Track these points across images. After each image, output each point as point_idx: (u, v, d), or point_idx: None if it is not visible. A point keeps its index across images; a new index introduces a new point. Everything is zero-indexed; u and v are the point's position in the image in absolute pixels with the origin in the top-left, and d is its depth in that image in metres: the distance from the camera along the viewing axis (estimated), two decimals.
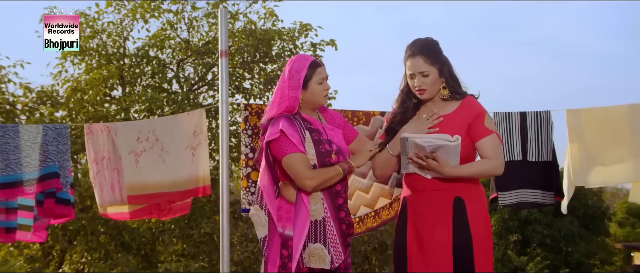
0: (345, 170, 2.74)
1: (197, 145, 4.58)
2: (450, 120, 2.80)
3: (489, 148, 2.75)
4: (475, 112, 2.79)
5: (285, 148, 2.72)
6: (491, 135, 2.76)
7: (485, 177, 2.79)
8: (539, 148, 4.63)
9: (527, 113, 4.69)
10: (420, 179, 2.79)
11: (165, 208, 4.69)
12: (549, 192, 4.65)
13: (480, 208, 2.79)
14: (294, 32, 10.71)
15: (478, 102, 2.86)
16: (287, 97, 2.78)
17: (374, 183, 4.48)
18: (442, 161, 2.66)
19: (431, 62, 2.79)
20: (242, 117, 4.47)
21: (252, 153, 4.44)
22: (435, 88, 2.83)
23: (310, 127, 2.81)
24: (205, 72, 10.96)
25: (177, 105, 9.92)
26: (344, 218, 2.81)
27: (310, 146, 2.75)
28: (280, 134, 2.73)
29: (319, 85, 2.79)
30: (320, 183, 2.70)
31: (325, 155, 2.76)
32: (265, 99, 10.71)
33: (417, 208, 2.81)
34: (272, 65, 10.91)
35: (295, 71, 2.78)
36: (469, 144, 2.77)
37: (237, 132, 10.40)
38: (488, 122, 2.79)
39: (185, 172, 4.54)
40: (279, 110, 2.79)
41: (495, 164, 2.75)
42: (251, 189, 4.42)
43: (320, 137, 2.80)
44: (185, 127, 4.57)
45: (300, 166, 2.70)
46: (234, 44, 10.44)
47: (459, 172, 2.70)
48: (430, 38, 2.86)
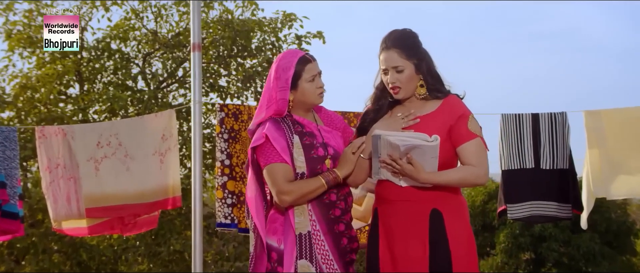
0: (330, 181, 2.74)
1: (166, 151, 4.58)
2: (428, 121, 2.81)
3: (472, 153, 2.75)
4: (458, 112, 2.80)
5: (267, 157, 2.74)
6: (475, 139, 2.77)
7: (466, 186, 2.79)
8: (553, 154, 4.67)
9: (540, 115, 4.72)
10: (394, 187, 2.79)
11: (130, 223, 4.68)
12: (565, 204, 4.68)
13: (461, 222, 2.79)
14: (277, 22, 10.70)
15: (462, 102, 2.88)
16: (275, 99, 2.79)
17: (367, 193, 4.50)
18: (418, 165, 2.66)
19: (407, 56, 2.81)
20: (218, 119, 4.47)
21: (228, 160, 4.44)
22: (411, 86, 2.84)
23: (301, 130, 2.82)
24: (176, 67, 10.93)
25: (143, 105, 9.89)
26: (344, 232, 2.82)
27: (299, 152, 2.76)
28: (264, 140, 2.74)
29: (311, 83, 2.80)
30: (298, 198, 2.72)
31: (317, 161, 2.76)
32: (244, 99, 10.71)
33: (390, 221, 2.81)
34: (251, 60, 10.90)
35: (282, 70, 2.78)
36: (449, 149, 2.78)
37: (211, 136, 10.37)
38: (472, 125, 2.79)
39: (153, 181, 4.54)
40: (267, 114, 2.81)
41: (478, 172, 2.74)
42: (227, 201, 4.42)
43: (314, 140, 2.81)
44: (152, 129, 4.57)
45: (278, 178, 2.71)
46: (208, 36, 10.42)
47: (436, 179, 2.70)
48: (408, 29, 2.88)
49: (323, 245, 2.75)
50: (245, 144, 4.45)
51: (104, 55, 10.43)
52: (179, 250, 10.17)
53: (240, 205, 4.44)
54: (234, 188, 4.44)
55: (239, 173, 4.45)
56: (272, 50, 10.66)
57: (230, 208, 4.43)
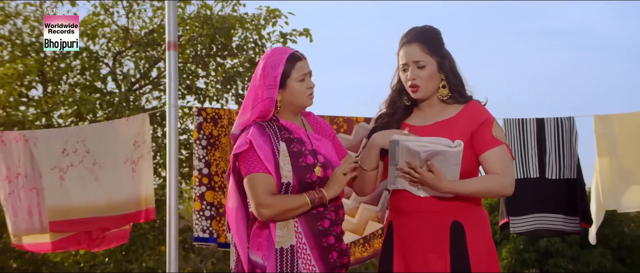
0: (315, 201, 2.75)
1: (139, 159, 4.58)
2: (448, 126, 2.83)
3: (497, 162, 2.77)
4: (482, 118, 2.83)
5: (249, 165, 2.75)
6: (500, 147, 2.79)
7: (490, 196, 2.82)
8: (560, 163, 4.69)
9: (546, 120, 4.74)
10: (411, 198, 2.80)
11: (98, 238, 4.67)
12: (573, 217, 4.70)
13: (483, 236, 2.81)
14: (260, 19, 10.70)
15: (485, 108, 2.91)
16: (261, 99, 2.80)
17: (361, 204, 4.50)
18: (439, 173, 2.67)
19: (429, 51, 2.83)
20: (195, 124, 4.47)
21: (207, 169, 4.43)
22: (432, 85, 2.86)
23: (289, 136, 2.83)
24: (149, 67, 10.91)
25: (113, 108, 9.86)
26: (333, 245, 2.82)
27: (285, 160, 2.76)
28: (248, 146, 2.75)
29: (300, 83, 2.81)
30: (278, 214, 2.73)
31: (306, 170, 2.77)
32: (224, 102, 10.71)
33: (407, 234, 2.83)
34: (232, 60, 10.89)
35: (270, 67, 2.80)
36: (471, 158, 2.80)
37: (188, 143, 10.35)
38: (497, 131, 2.82)
39: (124, 192, 4.53)
40: (252, 115, 2.82)
41: (504, 181, 2.76)
42: (205, 213, 4.42)
43: (303, 147, 2.82)
44: (123, 135, 4.57)
45: (259, 190, 2.72)
46: (184, 34, 10.41)
47: (459, 188, 2.71)
48: (431, 26, 2.91)
49: (309, 260, 2.75)
50: (225, 151, 4.45)
51: (69, 53, 10.39)
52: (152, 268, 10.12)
53: (220, 217, 4.43)
54: (213, 200, 4.44)
55: (219, 182, 4.44)
56: (254, 49, 10.66)
57: (208, 221, 4.43)
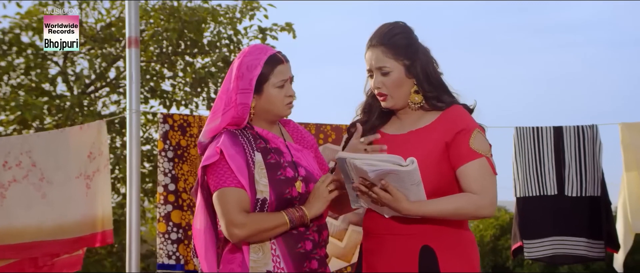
0: (294, 220, 2.74)
1: (94, 173, 4.57)
2: (423, 135, 2.84)
3: (473, 178, 2.76)
4: (459, 126, 2.81)
5: (219, 178, 2.74)
6: (479, 160, 2.78)
7: (464, 218, 2.80)
8: (581, 178, 4.70)
9: (564, 128, 4.76)
10: (380, 219, 2.82)
11: (46, 265, 4.64)
12: (597, 241, 4.71)
13: (462, 263, 2.80)
14: (235, 11, 10.73)
15: (468, 114, 2.89)
16: (234, 103, 2.79)
17: (350, 226, 4.50)
18: (396, 193, 2.67)
19: (394, 54, 2.85)
20: (160, 133, 4.46)
21: (173, 185, 4.42)
22: (401, 92, 2.88)
23: (265, 146, 2.82)
24: (106, 67, 10.90)
25: (64, 114, 9.83)
26: (317, 271, 2.82)
27: (261, 173, 2.76)
28: (219, 157, 2.73)
29: (279, 90, 2.81)
30: (252, 234, 2.72)
31: (285, 184, 2.77)
32: (193, 107, 10.70)
33: (374, 260, 2.85)
34: (203, 59, 10.90)
35: (246, 67, 2.79)
36: (447, 172, 2.80)
37: (152, 154, 10.33)
38: (476, 142, 2.80)
39: (76, 212, 4.51)
40: (223, 121, 2.81)
41: (479, 201, 2.74)
42: (171, 236, 4.41)
43: (281, 158, 2.82)
44: (76, 146, 4.55)
45: (230, 207, 2.71)
46: (148, 28, 10.41)
47: (421, 210, 2.70)
48: (399, 22, 2.92)
49: None
50: (194, 165, 4.44)
51: (12, 50, 10.35)
52: None
53: (188, 241, 4.42)
54: (180, 220, 4.43)
55: (187, 201, 4.43)
56: (229, 46, 10.67)
57: (175, 245, 4.42)
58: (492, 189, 2.79)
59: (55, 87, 10.62)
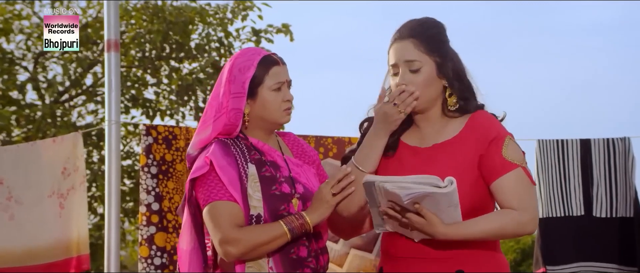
0: (295, 229, 2.74)
1: (69, 191, 4.57)
2: (451, 149, 2.81)
3: (510, 191, 2.75)
4: (490, 134, 2.80)
5: (209, 192, 2.75)
6: (514, 171, 2.76)
7: (505, 237, 2.81)
8: (611, 196, 4.71)
9: (592, 141, 4.76)
10: (404, 242, 2.80)
11: None
12: (629, 267, 4.70)
13: None
14: (226, 11, 10.74)
15: (496, 119, 2.89)
16: (226, 109, 2.81)
17: (351, 250, 4.50)
18: (431, 217, 2.65)
19: (427, 49, 2.81)
20: (143, 146, 4.47)
21: (157, 204, 4.42)
22: (430, 92, 2.83)
23: (260, 158, 2.83)
24: (82, 73, 10.90)
25: (34, 125, 9.83)
26: None
27: (255, 187, 2.77)
28: (209, 168, 2.75)
29: (275, 93, 2.82)
30: (249, 250, 2.72)
31: (281, 200, 2.78)
32: (179, 117, 10.70)
33: None
34: (190, 64, 10.90)
35: (238, 70, 2.81)
36: (482, 188, 2.79)
37: (133, 170, 10.33)
38: (510, 150, 2.79)
39: (49, 235, 4.52)
40: (214, 131, 2.83)
41: (520, 218, 2.73)
42: (155, 260, 4.40)
43: (278, 172, 2.82)
44: (48, 161, 4.56)
45: (222, 221, 2.71)
46: (129, 30, 10.42)
47: (460, 233, 2.69)
48: (432, 19, 2.91)
49: None
50: (181, 182, 4.44)
51: None
52: None
53: (174, 266, 4.42)
54: (165, 244, 4.43)
55: (172, 222, 4.43)
56: (219, 50, 10.67)
57: (159, 271, 4.42)
58: (533, 202, 2.78)
59: (24, 95, 10.62)
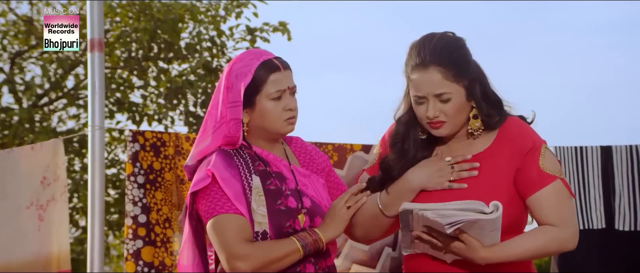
0: (308, 246, 2.74)
1: (49, 202, 4.57)
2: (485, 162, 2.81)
3: (549, 207, 2.75)
4: (526, 145, 2.80)
5: (213, 205, 2.74)
6: (552, 184, 2.77)
7: (546, 256, 2.83)
8: (636, 208, 4.70)
9: (614, 148, 4.76)
10: (433, 263, 2.81)
11: None
12: None
13: None
14: (218, 9, 10.75)
15: (529, 127, 2.89)
16: (226, 119, 2.80)
17: (353, 265, 4.50)
18: (472, 242, 2.67)
19: (455, 76, 2.77)
20: (129, 154, 4.46)
21: (145, 216, 4.42)
22: (461, 118, 2.83)
23: (264, 169, 2.83)
24: (63, 74, 10.91)
25: (11, 131, 9.84)
26: None
27: (259, 201, 2.77)
28: (210, 180, 2.74)
29: (275, 102, 2.80)
30: (259, 267, 2.71)
31: (286, 216, 2.78)
32: (168, 123, 10.71)
33: None
34: (179, 65, 10.92)
35: (235, 76, 2.79)
36: (517, 204, 2.79)
37: (118, 179, 10.33)
38: (547, 160, 2.79)
39: (26, 249, 4.52)
40: (214, 142, 2.81)
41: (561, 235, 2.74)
42: None
43: (284, 185, 2.82)
44: (26, 169, 4.56)
45: (229, 236, 2.70)
46: (113, 28, 10.44)
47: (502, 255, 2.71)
48: (452, 35, 2.86)
49: None
50: (170, 192, 4.44)
51: None
52: None
53: None
54: (153, 259, 4.42)
55: (160, 235, 4.43)
56: (211, 50, 10.68)
57: None
58: (573, 217, 2.80)
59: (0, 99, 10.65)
